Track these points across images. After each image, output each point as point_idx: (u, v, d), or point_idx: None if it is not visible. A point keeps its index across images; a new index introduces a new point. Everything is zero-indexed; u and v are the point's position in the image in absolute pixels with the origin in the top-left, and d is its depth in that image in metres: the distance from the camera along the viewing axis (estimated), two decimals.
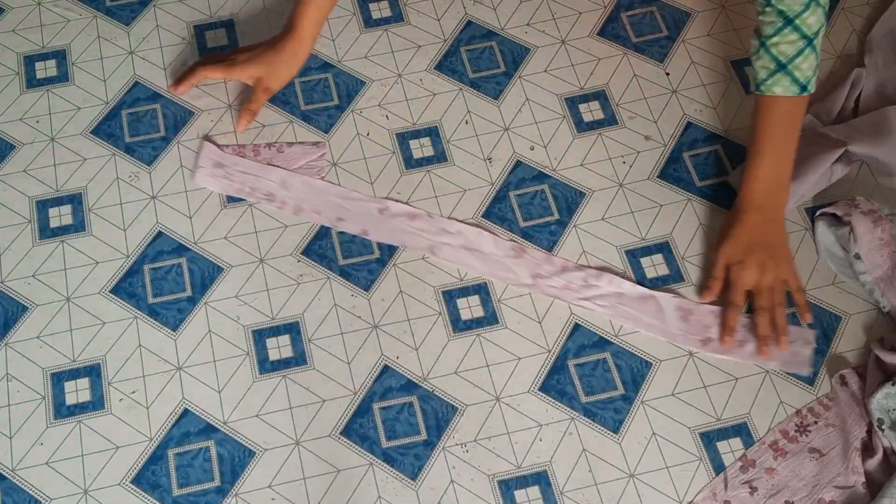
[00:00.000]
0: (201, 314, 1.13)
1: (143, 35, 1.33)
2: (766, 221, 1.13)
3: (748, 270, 1.11)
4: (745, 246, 1.12)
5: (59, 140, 1.25)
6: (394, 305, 1.14)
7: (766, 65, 1.10)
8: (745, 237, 1.13)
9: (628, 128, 1.26)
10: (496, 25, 1.34)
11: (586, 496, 1.04)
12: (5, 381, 1.09)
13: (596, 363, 1.11)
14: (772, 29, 1.09)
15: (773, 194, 1.13)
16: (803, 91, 1.10)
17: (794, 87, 1.10)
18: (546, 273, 1.15)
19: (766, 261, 1.11)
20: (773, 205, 1.14)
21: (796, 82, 1.10)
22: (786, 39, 1.08)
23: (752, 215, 1.13)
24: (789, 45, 1.08)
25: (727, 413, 1.08)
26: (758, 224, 1.13)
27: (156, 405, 1.08)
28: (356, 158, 1.23)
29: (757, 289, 1.11)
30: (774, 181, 1.13)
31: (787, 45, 1.08)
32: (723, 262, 1.13)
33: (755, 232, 1.13)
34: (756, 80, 1.12)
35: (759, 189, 1.13)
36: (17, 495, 1.03)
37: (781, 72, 1.09)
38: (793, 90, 1.10)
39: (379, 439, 1.06)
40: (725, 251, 1.13)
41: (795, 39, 1.08)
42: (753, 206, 1.13)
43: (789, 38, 1.08)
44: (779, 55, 1.09)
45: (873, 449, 1.04)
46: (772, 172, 1.13)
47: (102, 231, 1.18)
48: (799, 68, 1.09)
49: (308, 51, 1.24)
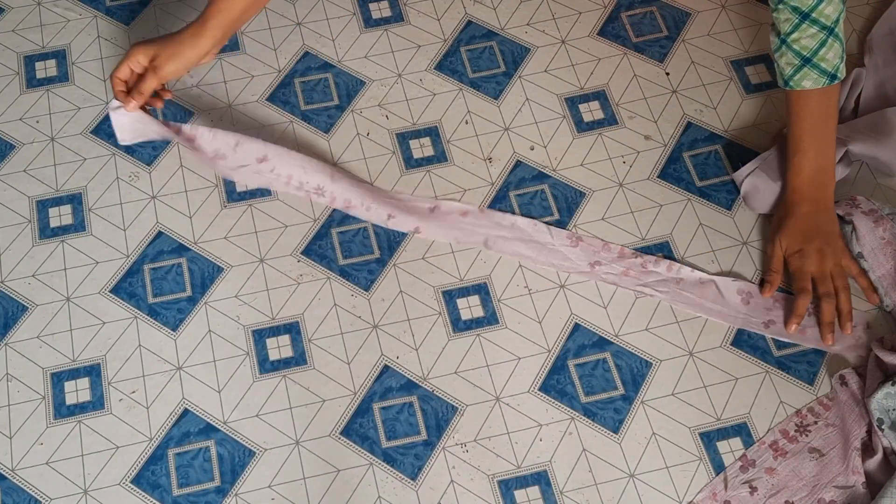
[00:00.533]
0: (201, 314, 1.13)
1: (143, 35, 1.33)
2: (818, 211, 1.14)
3: (809, 258, 1.12)
4: (802, 236, 1.13)
5: (59, 140, 1.25)
6: (394, 305, 1.14)
7: (791, 61, 1.09)
8: (800, 227, 1.13)
9: (628, 128, 1.26)
10: (496, 25, 1.34)
11: (586, 496, 1.04)
12: (5, 381, 1.09)
13: (596, 363, 1.11)
14: (789, 26, 1.08)
15: (820, 185, 1.14)
16: (833, 80, 1.09)
17: (823, 78, 1.09)
18: (604, 260, 1.15)
19: (823, 248, 1.12)
20: (822, 195, 1.14)
21: (824, 73, 1.09)
22: (805, 34, 1.07)
23: (803, 206, 1.14)
24: (810, 39, 1.07)
25: (727, 413, 1.08)
26: (811, 214, 1.13)
27: (156, 405, 1.08)
28: (356, 158, 1.23)
29: (820, 275, 1.12)
30: (820, 172, 1.13)
31: (808, 38, 1.07)
32: (780, 254, 1.14)
33: (809, 222, 1.13)
34: (783, 76, 1.11)
35: (805, 182, 1.14)
36: (17, 495, 1.03)
37: (807, 66, 1.09)
38: (822, 81, 1.09)
39: (379, 439, 1.06)
40: (782, 243, 1.14)
41: (815, 32, 1.07)
42: (804, 198, 1.14)
43: (809, 33, 1.07)
44: (801, 50, 1.08)
45: (873, 449, 1.04)
46: (816, 164, 1.13)
47: (102, 231, 1.18)
48: (825, 59, 1.08)
49: (211, 41, 1.13)
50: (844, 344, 1.11)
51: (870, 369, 1.08)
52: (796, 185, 1.14)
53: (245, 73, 1.30)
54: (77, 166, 1.23)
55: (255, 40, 1.32)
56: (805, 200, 1.14)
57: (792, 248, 1.13)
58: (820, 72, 1.09)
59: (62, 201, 1.20)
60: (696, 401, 1.09)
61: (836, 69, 1.09)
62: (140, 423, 1.07)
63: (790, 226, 1.14)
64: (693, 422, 1.08)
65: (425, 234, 1.17)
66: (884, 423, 1.04)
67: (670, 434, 1.07)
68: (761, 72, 1.30)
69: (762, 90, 1.29)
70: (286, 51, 1.32)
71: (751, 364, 1.11)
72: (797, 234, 1.13)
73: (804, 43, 1.08)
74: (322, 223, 1.19)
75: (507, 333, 1.12)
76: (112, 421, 1.07)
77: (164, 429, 1.07)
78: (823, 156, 1.13)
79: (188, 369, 1.10)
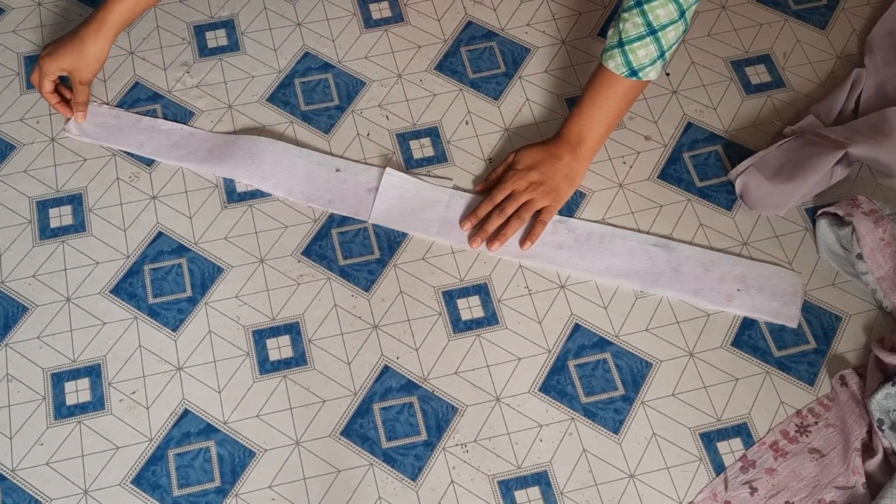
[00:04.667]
0: (201, 314, 1.13)
1: (143, 35, 1.33)
2: (571, 157, 1.17)
3: (520, 180, 1.16)
4: (537, 160, 1.17)
5: (59, 140, 1.25)
6: (394, 306, 1.14)
7: (612, 36, 1.12)
8: (543, 154, 1.18)
9: (628, 128, 1.26)
10: (496, 26, 1.34)
11: (586, 496, 1.04)
12: (5, 381, 1.09)
13: (596, 363, 1.11)
14: (627, 3, 1.10)
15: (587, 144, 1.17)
16: (633, 75, 1.12)
17: (625, 68, 1.12)
18: None
19: (541, 182, 1.16)
20: (583, 151, 1.17)
21: (628, 65, 1.11)
22: (632, 19, 1.09)
23: (562, 146, 1.18)
24: (633, 27, 1.09)
25: (727, 413, 1.08)
26: (563, 153, 1.17)
27: (156, 405, 1.08)
28: (357, 159, 1.23)
29: (513, 196, 1.16)
30: (590, 134, 1.17)
31: (631, 26, 1.09)
32: (509, 160, 1.20)
33: (556, 157, 1.17)
34: (604, 45, 1.14)
35: (575, 132, 1.17)
36: (17, 495, 1.03)
37: (619, 48, 1.11)
38: (622, 71, 1.12)
39: (379, 440, 1.06)
40: (519, 152, 1.19)
41: (640, 24, 1.09)
42: (568, 141, 1.18)
43: (635, 21, 1.09)
44: (623, 31, 1.10)
45: (873, 449, 1.04)
46: (589, 127, 1.17)
47: (102, 231, 1.18)
48: (635, 52, 1.10)
49: (111, 40, 1.20)
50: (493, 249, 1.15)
51: (870, 370, 1.08)
52: (567, 130, 1.18)
53: (245, 74, 1.30)
54: (77, 167, 1.23)
55: (255, 41, 1.33)
56: (566, 142, 1.17)
57: (519, 164, 1.18)
58: (625, 60, 1.11)
59: (62, 202, 1.20)
60: (696, 401, 1.09)
61: (641, 68, 1.11)
62: (140, 424, 1.07)
63: (536, 147, 1.19)
64: (693, 422, 1.08)
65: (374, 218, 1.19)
66: (884, 424, 1.04)
67: (670, 434, 1.07)
68: (761, 72, 1.30)
69: (762, 90, 1.29)
70: (286, 51, 1.32)
71: (751, 364, 1.11)
72: (534, 157, 1.18)
73: (627, 27, 1.10)
74: (322, 223, 1.19)
75: (507, 334, 1.12)
76: (112, 421, 1.07)
77: (165, 429, 1.07)
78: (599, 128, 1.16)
79: (188, 370, 1.10)
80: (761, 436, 1.07)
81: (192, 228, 1.19)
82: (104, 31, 1.18)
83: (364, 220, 1.18)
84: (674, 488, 1.04)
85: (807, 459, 1.05)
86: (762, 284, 1.14)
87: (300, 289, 1.15)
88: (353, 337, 1.12)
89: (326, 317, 1.13)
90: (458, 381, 1.10)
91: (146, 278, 1.15)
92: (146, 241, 1.18)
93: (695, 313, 1.14)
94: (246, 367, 1.10)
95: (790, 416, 1.08)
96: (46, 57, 1.20)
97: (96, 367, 1.10)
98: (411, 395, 1.09)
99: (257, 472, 1.05)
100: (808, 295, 1.15)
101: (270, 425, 1.07)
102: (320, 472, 1.05)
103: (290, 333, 1.12)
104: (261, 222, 1.19)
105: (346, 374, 1.10)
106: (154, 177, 1.22)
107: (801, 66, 1.31)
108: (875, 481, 1.03)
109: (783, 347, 1.11)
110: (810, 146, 1.18)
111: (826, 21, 1.35)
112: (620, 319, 1.13)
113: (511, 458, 1.06)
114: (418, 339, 1.12)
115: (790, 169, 1.17)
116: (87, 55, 1.19)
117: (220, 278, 1.15)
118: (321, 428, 1.07)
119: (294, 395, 1.09)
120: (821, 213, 1.17)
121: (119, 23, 1.19)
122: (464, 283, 1.15)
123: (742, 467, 1.05)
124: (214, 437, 1.07)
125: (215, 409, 1.08)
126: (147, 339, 1.12)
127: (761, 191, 1.17)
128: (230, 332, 1.12)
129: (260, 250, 1.17)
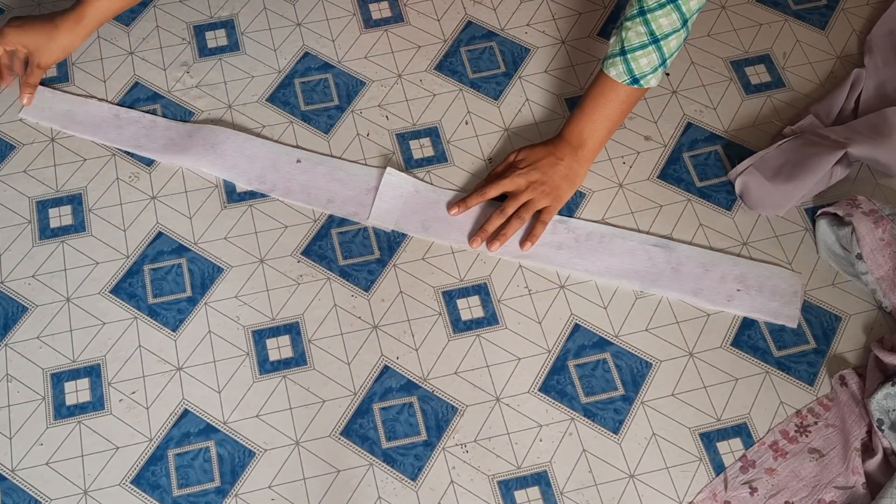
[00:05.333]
0: (201, 314, 1.13)
1: (143, 35, 1.33)
2: (573, 159, 1.17)
3: (520, 179, 1.16)
4: (538, 160, 1.17)
5: (59, 140, 1.25)
6: (394, 306, 1.14)
7: (614, 44, 1.12)
8: (544, 154, 1.17)
9: (628, 128, 1.26)
10: (496, 26, 1.34)
11: (586, 497, 1.04)
12: (5, 381, 1.09)
13: (596, 363, 1.11)
14: (629, 12, 1.10)
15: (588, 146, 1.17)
16: (635, 83, 1.12)
17: (626, 76, 1.12)
18: None
19: (542, 181, 1.16)
20: (584, 153, 1.17)
21: (630, 73, 1.11)
22: (635, 28, 1.09)
23: (563, 147, 1.17)
24: (636, 36, 1.09)
25: (727, 413, 1.08)
26: (564, 154, 1.17)
27: (156, 405, 1.08)
28: (357, 159, 1.23)
29: (514, 196, 1.16)
30: (592, 137, 1.17)
31: (635, 35, 1.09)
32: (510, 160, 1.19)
33: (557, 157, 1.17)
34: (607, 53, 1.14)
35: (577, 135, 1.17)
36: (17, 495, 1.03)
37: (621, 56, 1.11)
38: (624, 79, 1.12)
39: (379, 440, 1.06)
40: (521, 152, 1.19)
41: (643, 33, 1.09)
42: (569, 143, 1.17)
43: (638, 30, 1.09)
44: (625, 40, 1.10)
45: (873, 449, 1.04)
46: (591, 130, 1.16)
47: (102, 231, 1.18)
48: (637, 61, 1.10)
49: (87, 34, 1.21)
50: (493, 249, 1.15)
51: (870, 370, 1.08)
52: (569, 132, 1.18)
53: (245, 74, 1.30)
54: (77, 167, 1.23)
55: (255, 41, 1.33)
56: (568, 143, 1.17)
57: (521, 163, 1.17)
58: (627, 69, 1.11)
59: (62, 202, 1.20)
60: (696, 401, 1.09)
61: (642, 75, 1.11)
62: (140, 424, 1.07)
63: (538, 147, 1.18)
64: (693, 422, 1.08)
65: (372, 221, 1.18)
66: (884, 424, 1.04)
67: (670, 434, 1.07)
68: (761, 72, 1.30)
69: (762, 90, 1.29)
70: (286, 51, 1.32)
71: (751, 364, 1.11)
72: (535, 157, 1.17)
73: (630, 35, 1.10)
74: (322, 224, 1.19)
75: (507, 334, 1.12)
76: (112, 421, 1.07)
77: (164, 429, 1.07)
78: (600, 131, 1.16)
79: (188, 370, 1.10)
80: (761, 436, 1.07)
81: (191, 228, 1.19)
82: (83, 25, 1.19)
83: (363, 220, 1.18)
84: (673, 488, 1.04)
85: (806, 459, 1.05)
86: (762, 284, 1.14)
87: (300, 289, 1.15)
88: (353, 337, 1.12)
89: (326, 317, 1.13)
90: (457, 381, 1.10)
91: (146, 278, 1.15)
92: (146, 241, 1.18)
93: (694, 313, 1.14)
94: (246, 367, 1.10)
95: (790, 416, 1.08)
96: (13, 28, 1.20)
97: (96, 367, 1.10)
98: (411, 395, 1.09)
99: (257, 472, 1.05)
100: (808, 295, 1.15)
101: (270, 425, 1.07)
102: (320, 472, 1.05)
103: (289, 333, 1.12)
104: (260, 222, 1.19)
105: (346, 374, 1.10)
106: (154, 177, 1.22)
107: (800, 66, 1.31)
108: (875, 481, 1.03)
109: (783, 347, 1.12)
110: (810, 146, 1.18)
111: (826, 21, 1.35)
112: (620, 319, 1.13)
113: (511, 458, 1.06)
114: (418, 339, 1.12)
115: (790, 169, 1.17)
116: (56, 42, 1.20)
117: (220, 278, 1.15)
118: (321, 428, 1.07)
119: (294, 395, 1.09)
120: (820, 213, 1.17)
121: (98, 20, 1.20)
122: (464, 283, 1.15)
123: (742, 467, 1.05)
124: (214, 437, 1.07)
125: (215, 409, 1.08)
126: (147, 339, 1.12)
127: (761, 191, 1.17)
128: (230, 332, 1.12)
129: (260, 250, 1.17)
